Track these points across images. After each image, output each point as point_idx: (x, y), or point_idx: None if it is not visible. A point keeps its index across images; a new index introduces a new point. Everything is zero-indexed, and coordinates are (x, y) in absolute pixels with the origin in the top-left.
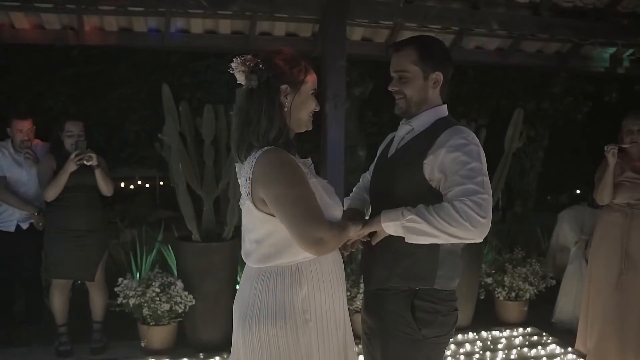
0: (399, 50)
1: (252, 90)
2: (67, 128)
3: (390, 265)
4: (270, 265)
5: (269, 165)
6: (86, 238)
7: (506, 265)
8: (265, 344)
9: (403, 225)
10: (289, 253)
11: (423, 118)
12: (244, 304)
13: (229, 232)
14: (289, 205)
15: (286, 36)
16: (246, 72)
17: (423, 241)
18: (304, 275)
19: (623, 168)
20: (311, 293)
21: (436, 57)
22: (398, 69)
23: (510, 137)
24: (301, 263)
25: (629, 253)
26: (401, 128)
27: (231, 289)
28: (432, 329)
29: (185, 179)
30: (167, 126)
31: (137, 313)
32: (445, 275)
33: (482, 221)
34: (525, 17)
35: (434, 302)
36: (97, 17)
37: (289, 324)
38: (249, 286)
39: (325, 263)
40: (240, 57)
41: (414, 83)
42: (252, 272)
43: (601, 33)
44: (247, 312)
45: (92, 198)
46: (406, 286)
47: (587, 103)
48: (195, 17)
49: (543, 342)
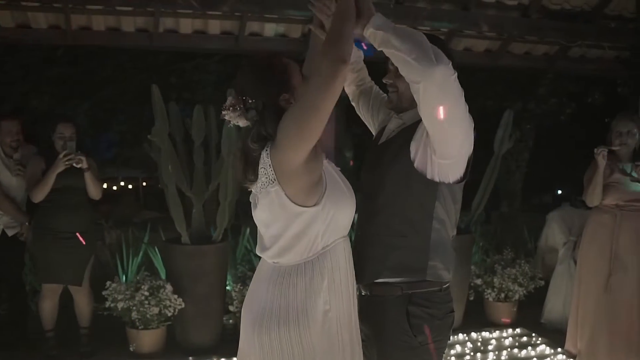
0: None
1: (254, 123)
2: (59, 130)
3: (381, 259)
4: (289, 261)
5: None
6: (74, 241)
7: (495, 266)
8: (287, 346)
9: (392, 28)
10: (307, 242)
11: (415, 112)
12: (259, 305)
13: (219, 234)
14: (299, 105)
15: (276, 37)
16: (242, 114)
17: (388, 48)
18: (325, 266)
19: (612, 170)
20: (331, 282)
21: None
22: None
23: (500, 138)
24: (320, 254)
25: (618, 254)
26: (392, 121)
27: (221, 292)
28: (429, 334)
29: (175, 181)
30: (157, 127)
31: (126, 317)
32: (437, 266)
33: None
34: (515, 19)
35: (428, 306)
36: (85, 17)
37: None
38: (265, 285)
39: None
40: (225, 108)
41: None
42: (269, 269)
43: (588, 35)
44: (265, 314)
45: (80, 200)
46: (399, 288)
47: (571, 104)
48: (184, 17)
49: (533, 343)
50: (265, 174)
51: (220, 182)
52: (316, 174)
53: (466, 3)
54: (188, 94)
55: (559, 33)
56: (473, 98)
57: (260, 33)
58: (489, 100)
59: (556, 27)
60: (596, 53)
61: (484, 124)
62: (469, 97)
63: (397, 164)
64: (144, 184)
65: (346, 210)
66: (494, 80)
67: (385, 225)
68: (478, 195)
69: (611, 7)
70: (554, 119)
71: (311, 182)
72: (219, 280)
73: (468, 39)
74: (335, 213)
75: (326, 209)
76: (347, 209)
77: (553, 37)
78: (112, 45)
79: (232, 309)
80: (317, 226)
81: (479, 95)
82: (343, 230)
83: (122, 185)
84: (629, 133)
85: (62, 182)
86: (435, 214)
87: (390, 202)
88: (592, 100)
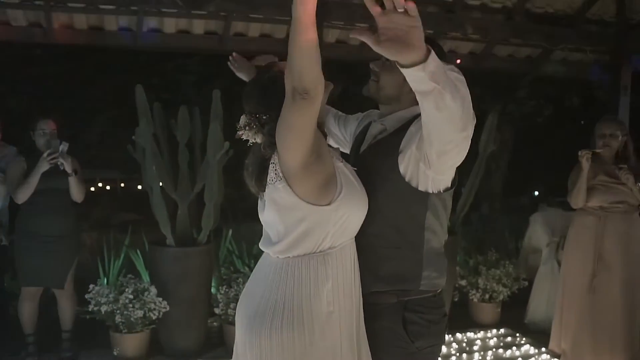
0: None
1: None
2: (40, 126)
3: (374, 270)
4: (296, 256)
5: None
6: (57, 244)
7: (480, 267)
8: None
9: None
10: (316, 240)
11: (397, 118)
12: (259, 304)
13: (204, 236)
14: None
15: (260, 37)
16: (259, 130)
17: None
18: (331, 266)
19: (596, 172)
20: (335, 285)
21: None
22: None
23: (485, 140)
24: (327, 253)
25: (602, 255)
26: (373, 127)
27: (206, 294)
28: (426, 340)
29: (160, 182)
30: (141, 128)
31: (109, 320)
32: (430, 276)
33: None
34: (499, 22)
35: (424, 312)
36: (67, 15)
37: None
38: (266, 283)
39: (347, 254)
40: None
41: (393, 75)
42: (273, 264)
43: (570, 39)
44: (266, 313)
45: (63, 202)
46: (394, 296)
47: (549, 107)
48: (168, 17)
49: (517, 343)
50: (274, 169)
51: (205, 183)
52: (321, 176)
53: (451, 6)
54: (169, 94)
55: (542, 36)
56: None
57: (245, 33)
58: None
59: (539, 31)
60: (577, 56)
61: None
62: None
63: (386, 178)
64: (122, 185)
65: (360, 212)
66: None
67: (378, 237)
68: (463, 197)
69: (592, 11)
70: (533, 121)
71: (317, 183)
72: (204, 282)
73: (453, 41)
74: (350, 215)
75: (341, 211)
76: (361, 211)
77: (536, 40)
78: (95, 44)
79: (217, 312)
80: (329, 226)
81: None
82: (353, 233)
83: (100, 187)
84: (612, 135)
85: (45, 184)
86: (427, 224)
87: (381, 214)
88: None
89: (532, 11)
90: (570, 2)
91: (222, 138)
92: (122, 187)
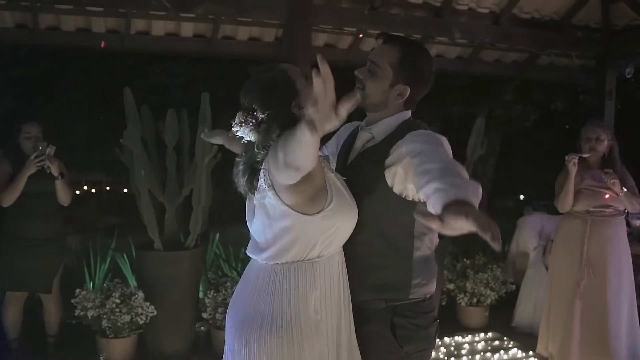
0: (386, 42)
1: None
2: (25, 130)
3: (362, 279)
4: (284, 263)
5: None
6: (43, 248)
7: (468, 271)
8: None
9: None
10: (304, 248)
11: (384, 125)
12: (248, 309)
13: (192, 240)
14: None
15: (249, 40)
16: (255, 127)
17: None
18: (318, 274)
19: (583, 176)
20: (323, 294)
21: (415, 71)
22: (373, 60)
23: (473, 144)
24: (315, 262)
25: (589, 259)
26: (361, 135)
27: (194, 299)
28: (415, 345)
29: (148, 186)
30: (129, 131)
31: (96, 325)
32: (420, 284)
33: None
34: (487, 26)
35: (413, 317)
36: (54, 16)
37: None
38: (254, 289)
39: (335, 263)
40: (236, 124)
41: (378, 83)
42: (262, 270)
43: (557, 44)
44: (256, 318)
45: (50, 205)
46: (382, 302)
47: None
48: (156, 19)
49: (505, 347)
50: (265, 176)
51: (193, 187)
52: (312, 190)
53: (439, 10)
54: (157, 97)
55: (529, 41)
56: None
57: (234, 36)
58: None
59: (526, 35)
60: (563, 61)
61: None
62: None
63: (375, 188)
64: (107, 188)
65: (350, 222)
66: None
67: (366, 245)
68: None
69: (578, 17)
70: (519, 125)
71: (308, 195)
72: (191, 287)
73: (440, 46)
74: (339, 225)
75: (330, 220)
76: (350, 221)
77: (523, 45)
78: (82, 46)
79: (205, 316)
80: (318, 235)
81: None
82: (342, 241)
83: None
84: (598, 139)
85: (31, 187)
86: (416, 232)
87: (370, 223)
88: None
89: (519, 16)
90: (556, 8)
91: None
92: (107, 190)
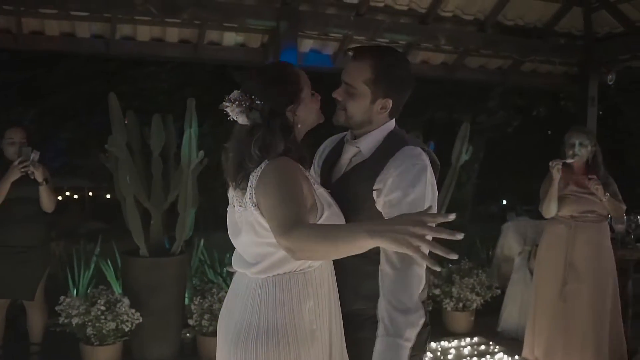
0: (356, 59)
1: (255, 124)
2: (8, 135)
3: (355, 288)
4: (276, 275)
5: (273, 170)
6: (27, 254)
7: (453, 276)
8: None
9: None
10: (296, 261)
11: (370, 138)
12: (241, 322)
13: (178, 246)
14: (275, 200)
15: (235, 46)
16: (245, 111)
17: None
18: (311, 284)
19: (567, 182)
20: (316, 303)
21: (392, 81)
22: (347, 82)
23: (458, 150)
24: (307, 272)
25: (573, 264)
26: (347, 149)
27: (180, 305)
28: None
29: (133, 192)
30: (114, 137)
31: (81, 333)
32: None
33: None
34: (471, 33)
35: None
36: (38, 21)
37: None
38: (246, 301)
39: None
40: (229, 100)
41: (358, 102)
42: (252, 283)
43: (540, 51)
44: (250, 332)
45: (34, 212)
46: (375, 309)
47: (517, 117)
48: (142, 24)
49: (491, 351)
50: (250, 193)
51: (179, 193)
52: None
53: (424, 17)
54: (142, 102)
55: (513, 48)
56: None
57: (219, 42)
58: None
59: (510, 42)
60: (547, 68)
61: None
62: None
63: (365, 202)
64: (89, 194)
65: None
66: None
67: (357, 255)
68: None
69: (561, 24)
70: (502, 131)
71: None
72: (177, 293)
73: (425, 52)
74: None
75: None
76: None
77: (507, 52)
78: (66, 51)
79: (191, 323)
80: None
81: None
82: None
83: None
84: (581, 145)
85: (15, 193)
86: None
87: None
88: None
89: (503, 23)
90: (540, 16)
91: (196, 146)
92: (89, 196)
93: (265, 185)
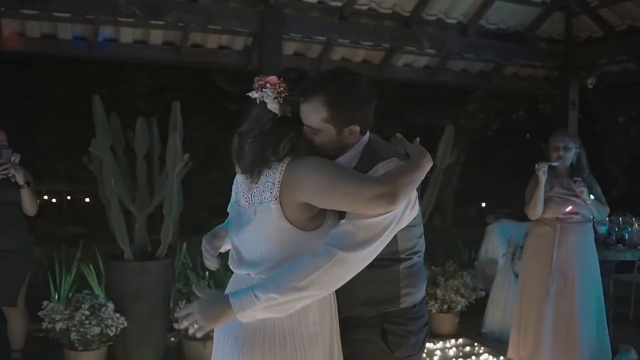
0: (306, 101)
1: (284, 117)
2: None
3: (352, 294)
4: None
5: (304, 164)
6: (9, 259)
7: (438, 278)
8: None
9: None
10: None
11: (347, 158)
12: (242, 327)
13: (163, 250)
14: (336, 182)
15: (219, 49)
16: (278, 100)
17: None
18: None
19: (552, 184)
20: (319, 305)
21: (349, 107)
22: (307, 124)
23: (442, 153)
24: None
25: (558, 265)
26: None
27: (165, 309)
28: (405, 350)
29: (118, 195)
30: (98, 140)
31: (64, 338)
32: (409, 292)
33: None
34: (454, 37)
35: (404, 323)
36: (18, 22)
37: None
38: None
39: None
40: (267, 83)
41: (323, 135)
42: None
43: (522, 55)
44: (255, 337)
45: (15, 215)
46: (373, 311)
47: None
48: (125, 26)
49: (476, 353)
50: (270, 189)
51: (164, 196)
52: (317, 208)
53: (408, 20)
54: (125, 105)
55: (495, 51)
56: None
57: (203, 45)
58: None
59: (492, 46)
60: (528, 72)
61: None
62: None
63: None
64: (68, 197)
65: None
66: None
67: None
68: (420, 210)
69: (542, 29)
70: (483, 134)
71: (312, 214)
72: (162, 297)
73: (408, 55)
74: None
75: (325, 237)
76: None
77: (489, 55)
78: (47, 53)
79: (176, 327)
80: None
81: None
82: None
83: (46, 199)
84: (565, 148)
85: None
86: (399, 245)
87: None
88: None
89: (485, 27)
90: (521, 20)
91: (181, 150)
92: (68, 200)
93: (309, 179)
